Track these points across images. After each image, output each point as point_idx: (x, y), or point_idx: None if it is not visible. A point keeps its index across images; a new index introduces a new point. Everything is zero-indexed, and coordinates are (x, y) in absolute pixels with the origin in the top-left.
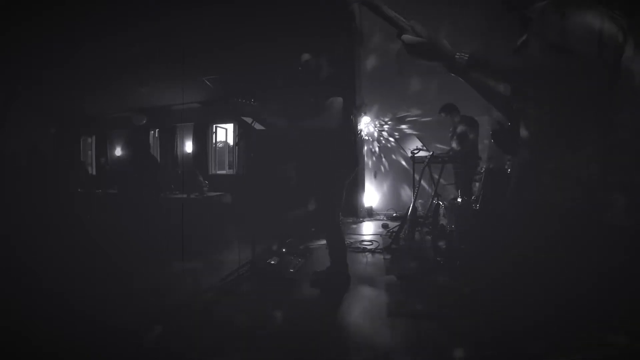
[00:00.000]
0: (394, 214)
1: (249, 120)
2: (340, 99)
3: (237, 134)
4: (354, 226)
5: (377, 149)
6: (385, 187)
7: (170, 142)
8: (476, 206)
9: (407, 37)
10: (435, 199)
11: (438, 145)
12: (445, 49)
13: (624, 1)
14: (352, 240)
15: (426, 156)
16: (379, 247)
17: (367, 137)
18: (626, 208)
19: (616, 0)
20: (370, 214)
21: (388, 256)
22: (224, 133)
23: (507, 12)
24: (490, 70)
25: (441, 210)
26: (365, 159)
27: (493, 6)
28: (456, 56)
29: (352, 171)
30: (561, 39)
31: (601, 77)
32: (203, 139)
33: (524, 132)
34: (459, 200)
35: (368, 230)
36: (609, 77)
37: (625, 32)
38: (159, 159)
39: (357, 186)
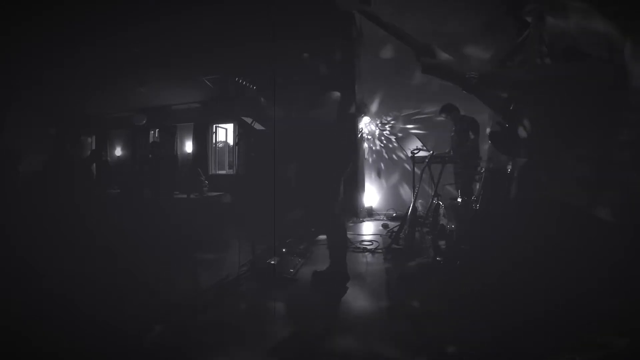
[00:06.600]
0: (394, 214)
1: (249, 120)
2: (337, 93)
3: (237, 134)
4: (353, 225)
5: (377, 148)
6: (385, 187)
7: (170, 142)
8: (476, 206)
9: (425, 59)
10: (435, 199)
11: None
12: (457, 70)
13: (621, 1)
14: (352, 241)
15: (426, 156)
16: (379, 247)
17: (368, 137)
18: (624, 206)
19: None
20: (370, 214)
21: (388, 256)
22: (224, 133)
23: (506, 14)
24: (500, 86)
25: (441, 210)
26: (367, 157)
27: (491, 7)
28: (466, 76)
29: (346, 165)
30: (571, 44)
31: (610, 79)
32: (203, 139)
33: (522, 133)
34: (459, 200)
35: (368, 230)
36: (618, 79)
37: (624, 31)
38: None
39: (357, 186)
